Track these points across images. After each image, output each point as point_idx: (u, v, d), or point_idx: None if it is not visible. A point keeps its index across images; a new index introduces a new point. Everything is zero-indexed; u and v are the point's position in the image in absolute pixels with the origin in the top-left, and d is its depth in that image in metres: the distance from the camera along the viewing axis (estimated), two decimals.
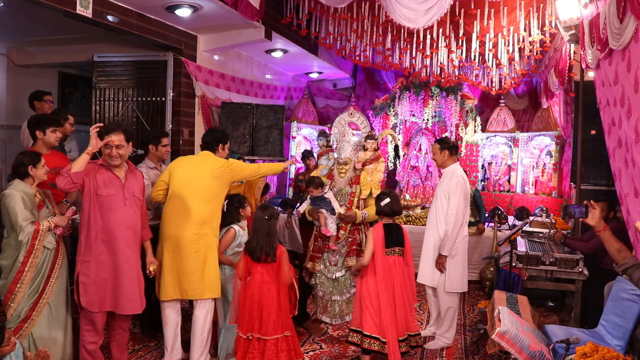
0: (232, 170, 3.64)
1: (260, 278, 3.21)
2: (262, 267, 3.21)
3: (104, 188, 3.20)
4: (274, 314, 3.17)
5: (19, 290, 3.16)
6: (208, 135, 3.85)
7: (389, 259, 3.50)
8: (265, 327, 3.15)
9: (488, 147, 7.75)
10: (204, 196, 3.50)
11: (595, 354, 2.62)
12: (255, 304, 3.18)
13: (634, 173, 2.99)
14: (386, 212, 3.59)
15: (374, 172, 4.28)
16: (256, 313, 3.17)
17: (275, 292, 3.21)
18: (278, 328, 3.17)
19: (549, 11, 5.09)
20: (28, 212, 3.16)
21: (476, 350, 4.12)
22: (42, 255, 3.21)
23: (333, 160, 4.50)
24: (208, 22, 5.65)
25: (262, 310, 3.17)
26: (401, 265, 3.56)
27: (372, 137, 4.44)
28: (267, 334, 3.15)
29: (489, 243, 5.99)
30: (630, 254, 2.75)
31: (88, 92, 7.43)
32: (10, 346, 2.66)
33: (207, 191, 3.52)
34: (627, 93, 2.98)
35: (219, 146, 3.82)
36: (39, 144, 3.74)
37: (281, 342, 3.16)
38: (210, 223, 3.52)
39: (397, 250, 3.55)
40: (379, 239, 3.51)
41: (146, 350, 3.92)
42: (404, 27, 5.20)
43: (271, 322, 3.15)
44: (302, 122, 8.45)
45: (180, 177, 3.56)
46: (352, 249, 4.13)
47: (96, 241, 3.18)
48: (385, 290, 3.45)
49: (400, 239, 3.58)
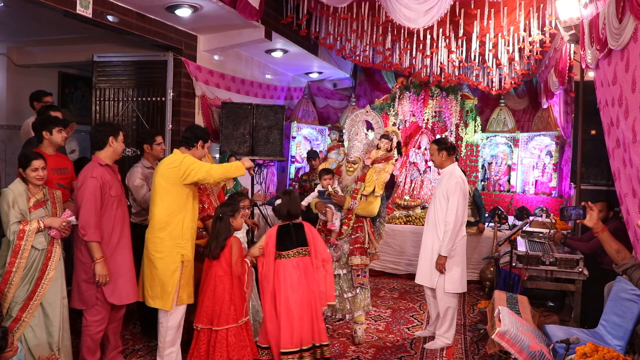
0: (180, 168, 3.34)
1: (214, 272, 3.36)
2: (214, 263, 3.36)
3: (113, 189, 3.38)
4: (225, 305, 3.30)
5: (8, 291, 3.13)
6: (188, 130, 3.67)
7: (287, 262, 3.42)
8: (217, 318, 3.30)
9: (488, 147, 7.75)
10: (158, 197, 3.38)
11: (595, 354, 2.62)
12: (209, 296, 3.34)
13: (631, 173, 2.99)
14: (280, 213, 3.51)
15: (382, 171, 4.26)
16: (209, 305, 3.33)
17: (229, 285, 3.35)
18: (230, 319, 3.31)
19: (549, 11, 5.09)
20: (16, 211, 3.13)
21: (476, 350, 4.12)
22: (30, 256, 3.15)
23: (343, 155, 4.49)
24: (208, 22, 5.65)
25: (214, 302, 3.32)
26: (307, 266, 3.44)
27: (387, 137, 4.42)
28: (218, 325, 3.29)
29: (489, 243, 5.99)
30: (630, 255, 2.75)
31: (88, 92, 7.44)
32: (13, 351, 2.65)
33: (158, 192, 3.38)
34: (625, 93, 2.99)
35: (199, 143, 3.61)
36: (46, 144, 3.75)
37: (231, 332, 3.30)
38: (169, 228, 3.35)
39: (301, 251, 3.45)
40: (267, 243, 3.44)
41: (146, 350, 3.92)
42: (404, 27, 5.21)
43: (223, 314, 3.30)
44: (302, 122, 8.45)
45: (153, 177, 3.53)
46: (356, 247, 4.12)
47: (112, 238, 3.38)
48: (278, 295, 3.37)
49: (302, 239, 3.47)
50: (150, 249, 3.40)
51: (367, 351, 4.06)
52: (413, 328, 4.63)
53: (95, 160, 3.37)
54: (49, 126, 3.72)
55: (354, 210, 4.15)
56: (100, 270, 3.26)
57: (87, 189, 3.24)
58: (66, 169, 3.92)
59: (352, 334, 4.27)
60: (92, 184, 3.25)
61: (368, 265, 4.20)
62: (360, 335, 4.22)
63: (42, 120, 3.80)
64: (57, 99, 7.47)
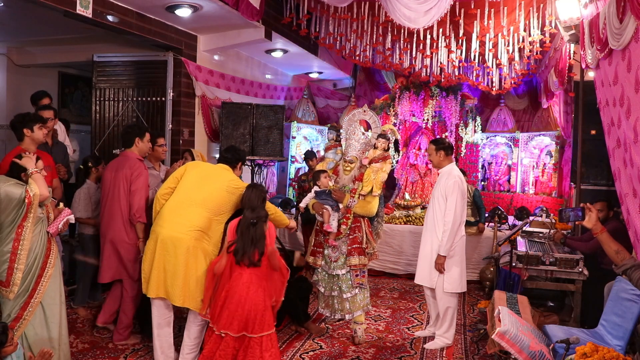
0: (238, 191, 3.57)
1: (247, 279, 3.24)
2: (248, 270, 3.25)
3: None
4: (259, 310, 3.21)
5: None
6: (231, 151, 3.82)
7: None
8: (252, 325, 3.20)
9: (488, 147, 7.76)
10: (211, 205, 3.47)
11: (595, 354, 2.62)
12: (241, 305, 3.20)
13: (632, 173, 2.99)
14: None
15: (379, 171, 4.26)
16: (240, 314, 3.19)
17: (257, 291, 3.25)
18: (264, 327, 3.22)
19: (549, 11, 5.09)
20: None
21: (476, 350, 4.12)
22: (31, 254, 3.15)
23: (341, 155, 4.48)
24: (208, 22, 5.65)
25: (248, 311, 3.20)
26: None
27: (385, 137, 4.42)
28: (253, 332, 3.20)
29: (489, 243, 5.99)
30: (629, 255, 2.75)
31: (88, 92, 7.45)
32: (13, 346, 2.67)
33: (216, 201, 3.49)
34: (627, 93, 2.98)
35: (239, 165, 3.80)
36: (27, 141, 3.71)
37: (265, 340, 3.21)
38: (209, 234, 3.47)
39: None
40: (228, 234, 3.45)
41: (146, 350, 3.92)
42: (404, 27, 5.20)
43: (257, 322, 3.20)
44: (302, 122, 8.45)
45: (194, 179, 3.55)
46: (354, 248, 4.12)
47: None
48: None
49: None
50: (182, 251, 3.38)
51: (367, 351, 4.06)
52: (413, 328, 4.62)
53: (134, 156, 3.96)
54: (29, 123, 3.70)
55: (353, 209, 4.14)
56: (142, 246, 3.79)
57: (141, 179, 3.88)
58: (48, 167, 3.90)
59: (352, 334, 4.26)
60: (146, 175, 3.92)
61: (367, 265, 4.20)
62: (360, 335, 4.22)
63: (22, 117, 3.76)
64: (57, 99, 7.48)
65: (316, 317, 4.67)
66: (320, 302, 4.34)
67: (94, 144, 6.07)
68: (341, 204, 4.14)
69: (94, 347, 3.92)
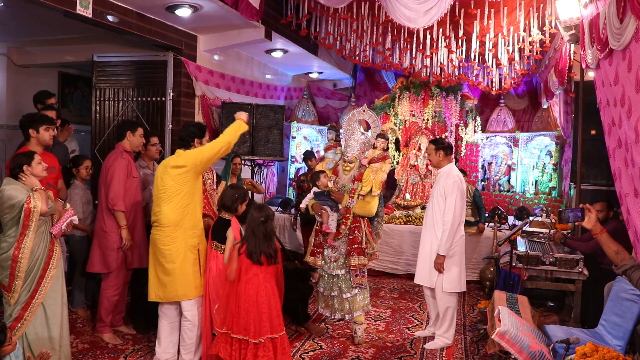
0: (186, 160, 3.42)
1: (263, 278, 3.20)
2: (263, 269, 3.21)
3: (134, 171, 4.09)
4: (274, 311, 3.18)
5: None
6: (183, 130, 3.68)
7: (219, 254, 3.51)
8: (265, 326, 3.14)
9: (488, 147, 7.75)
10: (165, 197, 3.43)
11: (595, 354, 2.62)
12: (254, 305, 3.14)
13: (633, 173, 2.99)
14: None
15: (378, 171, 4.26)
16: (254, 315, 3.13)
17: (273, 291, 3.22)
18: (274, 328, 3.17)
19: (549, 11, 5.09)
20: None
21: (476, 350, 4.12)
22: (33, 256, 3.16)
23: (340, 155, 4.48)
24: (208, 22, 5.65)
25: (261, 311, 3.14)
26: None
27: (384, 137, 4.42)
28: (273, 332, 3.15)
29: (489, 243, 5.99)
30: (629, 256, 2.74)
31: (88, 92, 7.43)
32: (11, 346, 2.67)
33: (165, 191, 3.43)
34: (628, 93, 2.98)
35: (194, 141, 3.62)
36: (33, 142, 3.68)
37: (277, 341, 3.18)
38: (182, 225, 3.44)
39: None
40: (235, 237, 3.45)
41: (146, 350, 3.92)
42: (404, 27, 5.20)
43: (268, 322, 3.15)
44: (302, 122, 8.45)
45: (155, 180, 3.55)
46: (353, 248, 4.11)
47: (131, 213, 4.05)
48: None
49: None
50: (162, 250, 3.43)
51: (367, 351, 4.06)
52: (413, 328, 4.62)
53: (120, 147, 4.03)
54: (35, 124, 3.65)
55: (352, 209, 4.14)
56: (126, 234, 3.92)
57: (116, 166, 3.91)
58: (54, 168, 3.91)
59: (352, 334, 4.27)
60: (121, 163, 3.92)
61: (366, 265, 4.20)
62: (360, 335, 4.22)
63: (30, 117, 3.73)
64: (57, 99, 7.46)
65: (316, 317, 4.67)
66: (320, 302, 4.34)
67: (94, 144, 6.07)
68: (340, 204, 4.14)
69: (94, 347, 3.92)
